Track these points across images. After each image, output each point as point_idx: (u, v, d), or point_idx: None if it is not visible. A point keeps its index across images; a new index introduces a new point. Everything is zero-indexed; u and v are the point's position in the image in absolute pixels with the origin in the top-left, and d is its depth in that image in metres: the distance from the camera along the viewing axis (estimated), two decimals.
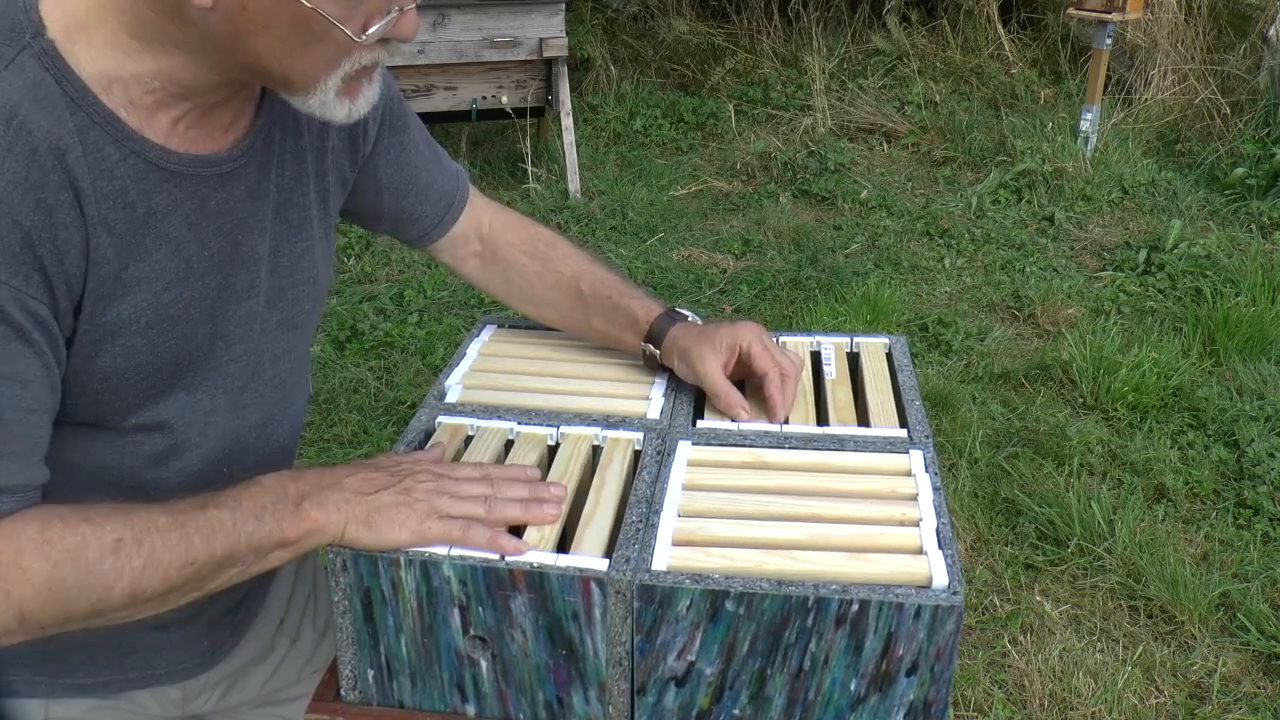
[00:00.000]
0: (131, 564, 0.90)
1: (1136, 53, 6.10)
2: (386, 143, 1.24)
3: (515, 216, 1.42)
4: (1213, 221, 4.98)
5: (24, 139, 0.85)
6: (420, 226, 1.33)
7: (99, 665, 1.14)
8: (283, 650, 1.34)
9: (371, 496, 1.00)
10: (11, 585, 0.87)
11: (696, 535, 1.04)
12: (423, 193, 1.31)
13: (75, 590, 0.89)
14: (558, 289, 1.37)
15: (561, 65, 5.27)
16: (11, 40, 0.86)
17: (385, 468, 1.05)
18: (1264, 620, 2.61)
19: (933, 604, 0.94)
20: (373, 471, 1.03)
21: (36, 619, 0.89)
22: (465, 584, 0.99)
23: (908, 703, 0.99)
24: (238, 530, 0.95)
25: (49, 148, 0.86)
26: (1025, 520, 3.01)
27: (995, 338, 4.04)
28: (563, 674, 1.02)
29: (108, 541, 0.90)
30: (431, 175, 1.31)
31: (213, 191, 1.01)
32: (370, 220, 1.32)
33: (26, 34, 0.87)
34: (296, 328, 1.16)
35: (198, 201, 1.00)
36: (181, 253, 0.99)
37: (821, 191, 5.40)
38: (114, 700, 1.17)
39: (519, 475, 1.08)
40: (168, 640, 1.17)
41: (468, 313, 4.18)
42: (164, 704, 1.21)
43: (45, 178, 0.86)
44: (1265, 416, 3.41)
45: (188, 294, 1.01)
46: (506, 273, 1.39)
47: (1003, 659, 2.56)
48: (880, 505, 1.09)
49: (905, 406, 1.27)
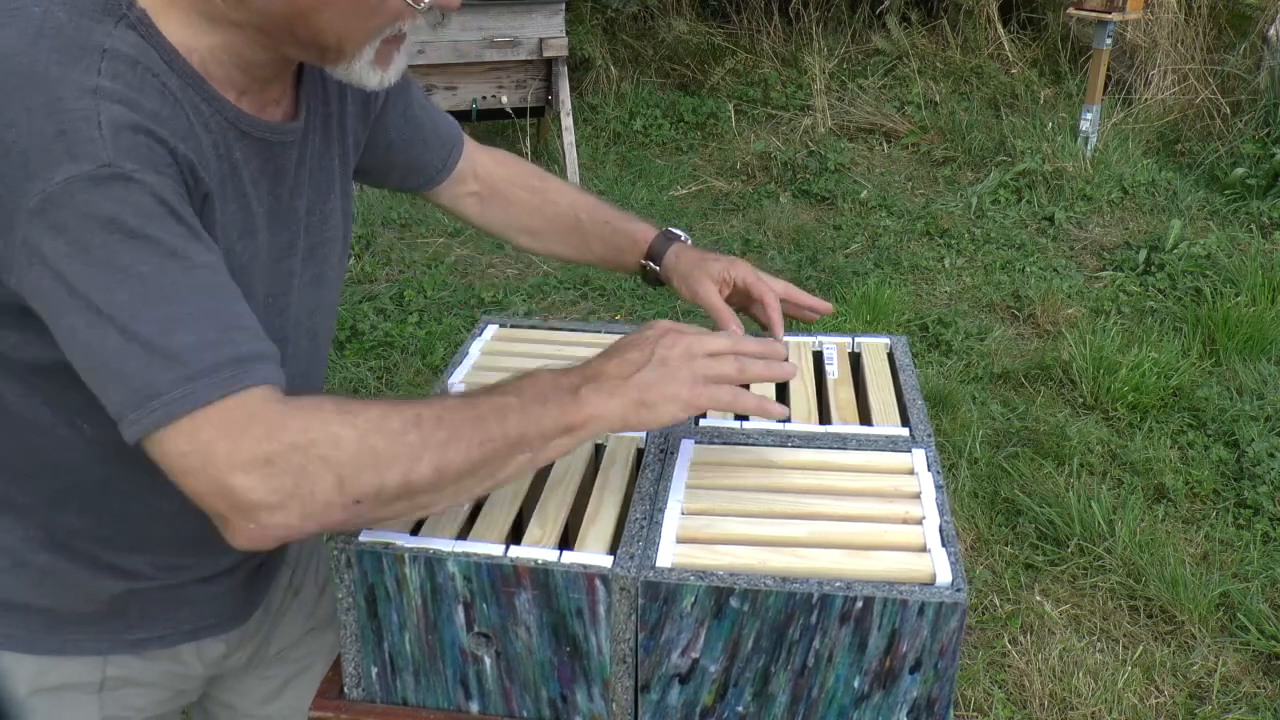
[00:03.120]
0: (435, 436, 0.92)
1: (1136, 53, 6.11)
2: (393, 100, 1.32)
3: (505, 155, 1.51)
4: (1213, 221, 4.99)
5: (149, 80, 0.92)
6: (426, 173, 1.42)
7: (155, 619, 1.17)
8: (287, 603, 1.37)
9: (636, 377, 1.02)
10: (326, 450, 0.88)
11: (701, 533, 1.04)
12: (427, 141, 1.39)
13: (386, 458, 0.90)
14: (556, 220, 1.48)
15: (561, 65, 5.27)
16: (109, 11, 0.93)
17: (632, 346, 1.06)
18: (1264, 620, 2.61)
19: (937, 601, 0.94)
20: (624, 353, 1.05)
21: (353, 487, 0.89)
22: (470, 581, 0.99)
23: (911, 700, 0.99)
24: (526, 412, 0.97)
25: (170, 93, 0.94)
26: (1025, 520, 3.01)
27: (995, 338, 4.05)
28: (567, 671, 1.02)
29: (408, 415, 0.92)
30: (434, 123, 1.40)
31: (273, 156, 1.08)
32: (380, 175, 1.39)
33: (123, 5, 0.94)
34: (325, 283, 1.22)
35: (260, 162, 1.06)
36: (247, 208, 1.05)
37: (821, 191, 5.40)
38: (164, 660, 1.21)
39: (745, 337, 1.15)
40: (214, 592, 1.20)
41: (468, 313, 4.18)
42: (206, 661, 1.25)
43: (174, 114, 0.94)
44: (1265, 416, 3.41)
45: (251, 247, 1.06)
46: (506, 209, 1.48)
47: (1003, 659, 2.56)
48: (883, 503, 1.09)
49: (907, 406, 1.27)
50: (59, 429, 1.02)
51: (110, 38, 0.91)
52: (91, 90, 0.87)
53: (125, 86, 0.89)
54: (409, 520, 1.06)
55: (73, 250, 0.85)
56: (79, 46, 0.89)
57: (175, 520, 1.10)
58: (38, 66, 0.87)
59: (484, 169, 1.47)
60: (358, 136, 1.26)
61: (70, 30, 0.90)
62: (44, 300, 0.88)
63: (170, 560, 1.14)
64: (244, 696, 1.39)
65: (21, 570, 1.09)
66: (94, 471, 1.05)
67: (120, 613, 1.14)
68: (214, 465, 0.86)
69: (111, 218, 0.85)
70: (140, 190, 0.87)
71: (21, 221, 0.85)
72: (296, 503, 0.87)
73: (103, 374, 0.87)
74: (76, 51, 0.88)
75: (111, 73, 0.89)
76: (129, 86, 0.90)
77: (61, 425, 1.02)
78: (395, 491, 0.91)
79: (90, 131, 0.86)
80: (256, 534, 0.88)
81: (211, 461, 0.86)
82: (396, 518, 0.96)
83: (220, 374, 0.86)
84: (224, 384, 0.86)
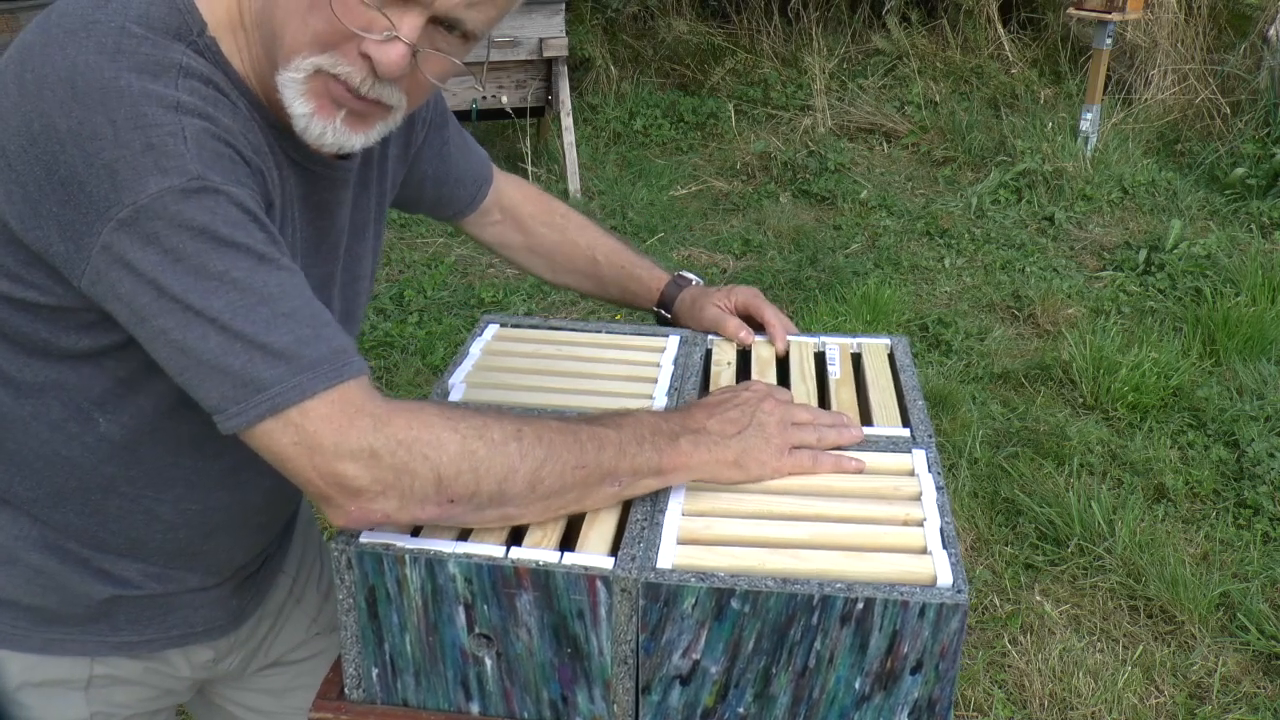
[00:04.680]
0: (534, 452, 0.98)
1: (1136, 53, 6.11)
2: (430, 138, 1.35)
3: (532, 190, 1.57)
4: (1213, 221, 4.99)
5: (225, 100, 0.96)
6: (454, 206, 1.47)
7: (144, 623, 1.17)
8: (289, 610, 1.38)
9: (736, 440, 1.09)
10: (428, 449, 0.94)
11: (702, 534, 1.04)
12: (460, 179, 1.44)
13: (485, 464, 0.96)
14: (574, 258, 1.54)
15: (561, 65, 5.27)
16: (181, 35, 0.96)
17: (735, 405, 1.13)
18: (1264, 620, 2.61)
19: (938, 602, 0.94)
20: (727, 410, 1.12)
21: (451, 486, 0.95)
22: (470, 582, 0.99)
23: (912, 701, 0.99)
24: (623, 448, 1.03)
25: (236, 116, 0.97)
26: (1025, 520, 3.01)
27: (995, 338, 4.05)
28: (567, 672, 1.02)
29: (509, 428, 0.98)
30: (467, 162, 1.44)
31: (318, 189, 1.10)
32: (410, 205, 1.44)
33: (194, 31, 0.96)
34: (353, 320, 1.26)
35: (305, 193, 1.09)
36: (295, 235, 1.08)
37: (821, 191, 5.40)
38: (152, 660, 1.21)
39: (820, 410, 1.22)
40: (205, 599, 1.21)
41: (467, 313, 4.18)
42: (195, 666, 1.26)
43: (244, 133, 0.97)
44: (1265, 416, 3.41)
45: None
46: (528, 241, 1.54)
47: (1003, 659, 2.57)
48: (884, 505, 1.09)
49: (908, 406, 1.27)
50: (69, 424, 1.03)
51: (185, 56, 0.94)
52: (174, 105, 0.90)
53: (203, 101, 0.93)
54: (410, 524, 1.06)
55: (166, 259, 0.88)
56: (157, 63, 0.92)
57: (172, 530, 1.11)
58: (121, 80, 0.89)
59: (509, 201, 1.52)
60: (395, 178, 1.30)
61: (147, 46, 0.92)
62: (128, 304, 0.91)
63: (160, 570, 1.14)
64: (253, 697, 1.39)
65: (12, 568, 1.10)
66: (101, 471, 1.06)
67: (108, 616, 1.15)
68: (321, 453, 0.91)
69: (203, 227, 0.89)
70: (227, 201, 0.90)
71: (107, 230, 0.88)
72: (396, 493, 0.93)
73: (200, 371, 0.91)
74: (155, 67, 0.91)
75: (189, 88, 0.92)
76: (206, 101, 0.93)
77: (72, 420, 1.03)
78: (489, 497, 0.97)
79: (177, 146, 0.89)
80: (357, 515, 0.95)
81: (319, 450, 0.91)
82: (485, 526, 1.02)
83: (321, 368, 0.91)
84: (327, 377, 0.91)
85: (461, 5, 0.94)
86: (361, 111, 1.00)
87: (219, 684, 1.37)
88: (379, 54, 0.94)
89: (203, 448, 1.08)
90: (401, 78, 0.97)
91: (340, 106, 0.98)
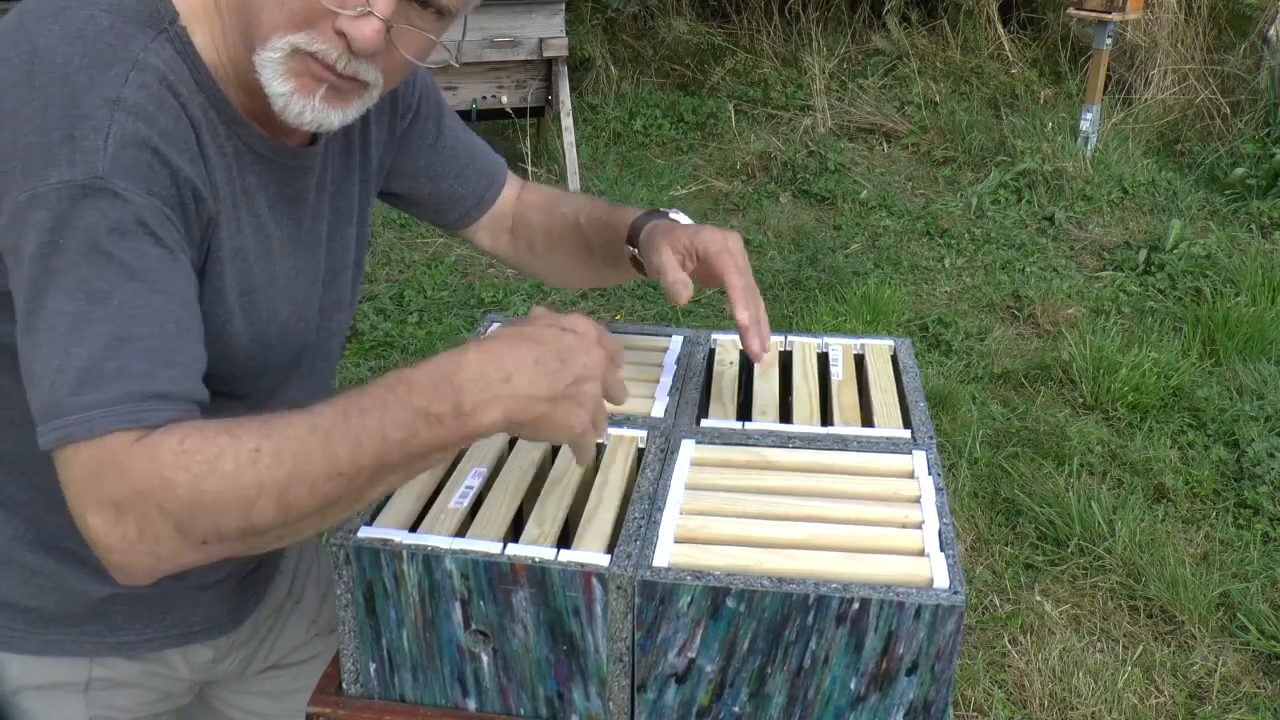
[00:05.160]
0: (273, 476, 0.86)
1: (1136, 53, 6.11)
2: (421, 127, 1.31)
3: (548, 188, 1.47)
4: (1213, 221, 4.99)
5: (170, 101, 0.95)
6: (461, 208, 1.39)
7: (142, 622, 1.17)
8: (288, 610, 1.38)
9: (544, 401, 0.92)
10: (161, 499, 0.85)
11: (698, 533, 1.04)
12: (462, 174, 1.37)
13: (218, 501, 0.86)
14: (561, 233, 1.39)
15: (561, 65, 5.27)
16: (152, 23, 0.96)
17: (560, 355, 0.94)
18: (1264, 620, 2.61)
19: (933, 603, 0.94)
20: (549, 362, 0.92)
21: (193, 531, 0.87)
22: (467, 578, 0.99)
23: (908, 702, 0.99)
24: (387, 439, 0.88)
25: (188, 116, 0.97)
26: (1025, 520, 3.01)
27: (995, 338, 4.05)
28: (564, 669, 1.02)
29: (245, 453, 0.86)
30: (471, 158, 1.38)
31: (291, 180, 1.10)
32: (412, 204, 1.39)
33: (165, 19, 0.97)
34: (342, 307, 1.24)
35: (279, 186, 1.08)
36: (263, 231, 1.07)
37: (821, 191, 5.40)
38: (151, 662, 1.21)
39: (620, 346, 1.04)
40: (204, 598, 1.21)
41: (467, 313, 4.18)
42: (194, 666, 1.26)
43: (187, 136, 0.96)
44: (1265, 416, 3.41)
45: (270, 270, 1.08)
46: (529, 236, 1.43)
47: (1003, 659, 2.56)
48: (882, 507, 1.09)
49: (910, 408, 1.27)
50: None
51: (146, 50, 0.94)
52: (112, 101, 0.90)
53: (146, 100, 0.92)
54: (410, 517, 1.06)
55: (41, 251, 0.88)
56: (113, 53, 0.92)
57: None
58: (69, 68, 0.90)
59: (520, 203, 1.44)
60: (382, 164, 1.28)
61: (109, 36, 0.92)
62: (16, 291, 0.91)
63: None
64: (252, 700, 1.39)
65: (9, 568, 1.10)
66: None
67: (106, 615, 1.15)
68: (79, 501, 0.87)
69: (86, 229, 0.88)
70: (123, 208, 0.89)
71: (6, 212, 0.88)
72: (144, 547, 0.86)
73: (29, 376, 0.89)
74: (110, 58, 0.92)
75: (137, 83, 0.92)
76: (151, 100, 0.92)
77: None
78: (238, 532, 0.88)
79: (96, 143, 0.88)
80: (120, 573, 0.88)
81: (79, 497, 0.87)
82: (269, 548, 0.93)
83: (116, 409, 0.86)
84: (114, 419, 0.86)
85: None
86: (340, 87, 0.99)
87: (218, 687, 1.36)
88: (353, 29, 0.94)
89: None
90: (377, 54, 0.97)
91: (320, 82, 0.98)
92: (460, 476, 1.13)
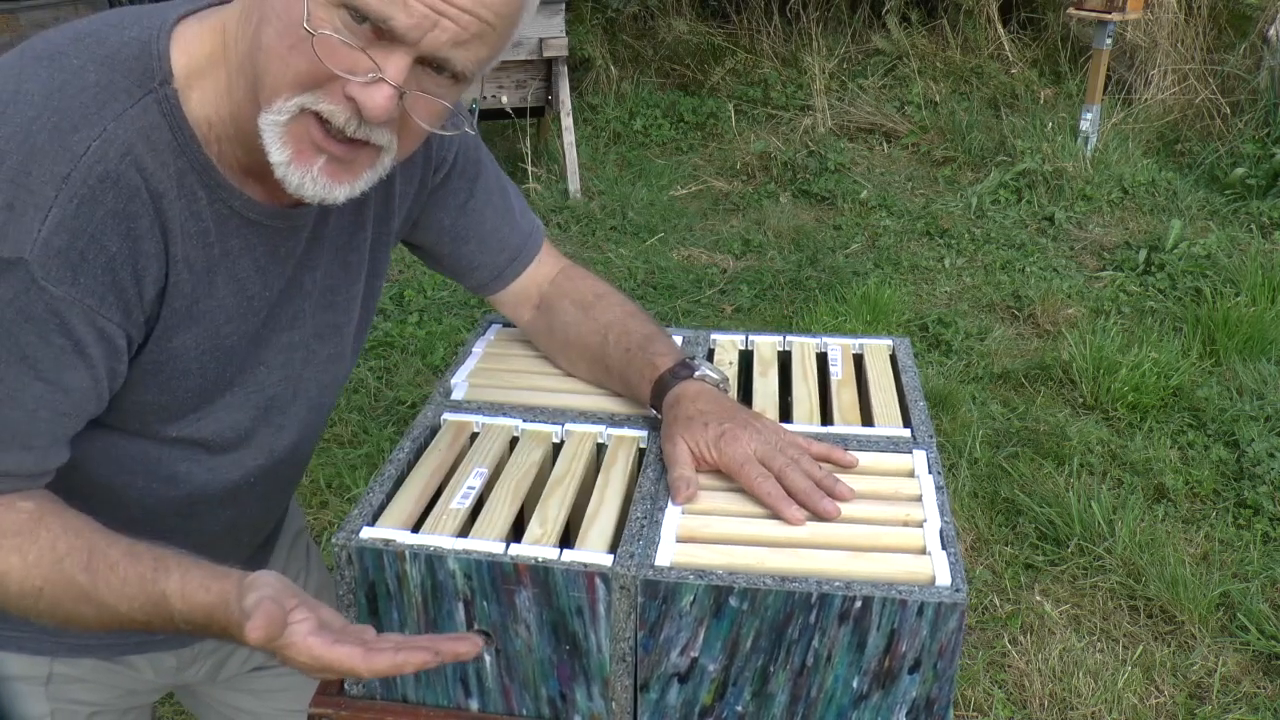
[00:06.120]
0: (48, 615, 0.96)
1: (1136, 53, 6.11)
2: (455, 185, 1.25)
3: (587, 274, 1.38)
4: (1213, 221, 4.99)
5: (130, 177, 0.92)
6: (479, 276, 1.32)
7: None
8: None
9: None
10: None
11: (700, 532, 1.04)
12: (484, 241, 1.29)
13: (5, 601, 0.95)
14: (586, 341, 1.31)
15: (561, 65, 5.27)
16: (142, 83, 0.93)
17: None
18: (1264, 620, 2.61)
19: (936, 601, 0.94)
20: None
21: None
22: (470, 578, 1.00)
23: (910, 700, 0.99)
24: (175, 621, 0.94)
25: (149, 190, 0.93)
26: (1025, 520, 3.01)
27: (995, 338, 4.05)
28: (566, 669, 1.02)
29: (29, 586, 0.94)
30: (496, 226, 1.29)
31: (283, 240, 1.06)
32: (432, 260, 1.33)
33: (155, 79, 0.94)
34: (342, 360, 1.21)
35: (269, 247, 1.05)
36: (245, 291, 1.05)
37: (821, 191, 5.40)
38: (115, 662, 1.22)
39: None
40: None
41: (467, 313, 4.18)
42: (159, 671, 1.26)
43: (140, 213, 0.93)
44: (1265, 416, 3.41)
45: (243, 327, 1.06)
46: (551, 322, 1.34)
47: (1003, 659, 2.57)
48: (884, 506, 1.09)
49: (909, 407, 1.27)
50: None
51: (118, 120, 0.91)
52: (62, 178, 0.88)
53: (98, 179, 0.89)
54: (412, 518, 1.06)
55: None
56: (84, 117, 0.89)
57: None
58: (35, 124, 0.88)
59: (552, 285, 1.35)
60: (404, 215, 1.22)
61: (87, 96, 0.90)
62: None
63: None
64: (238, 697, 1.39)
65: None
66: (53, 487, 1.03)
67: None
68: None
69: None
70: (38, 296, 0.88)
71: None
72: None
73: None
74: (78, 120, 0.89)
75: (96, 156, 0.89)
76: (101, 179, 0.89)
77: None
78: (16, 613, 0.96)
79: (32, 222, 0.86)
80: None
81: None
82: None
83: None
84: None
85: (448, 44, 0.88)
86: (343, 157, 0.94)
87: (200, 685, 1.36)
88: (364, 97, 0.88)
89: (154, 473, 1.08)
90: (389, 121, 0.92)
91: (320, 152, 0.93)
92: (462, 477, 1.13)
